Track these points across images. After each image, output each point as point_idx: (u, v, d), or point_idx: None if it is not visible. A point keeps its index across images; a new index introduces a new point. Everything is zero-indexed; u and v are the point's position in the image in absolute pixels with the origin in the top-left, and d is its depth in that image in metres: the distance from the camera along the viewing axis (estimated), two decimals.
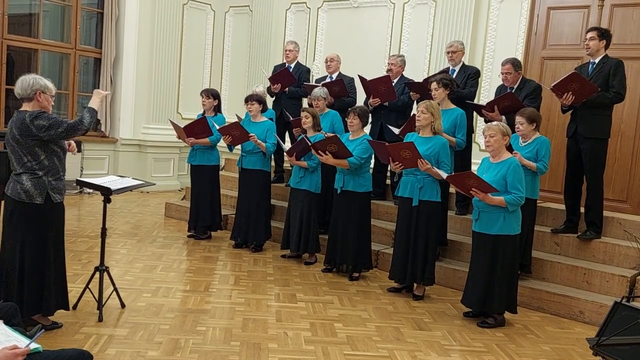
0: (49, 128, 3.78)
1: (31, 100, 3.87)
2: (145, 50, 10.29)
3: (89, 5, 9.90)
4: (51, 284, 3.99)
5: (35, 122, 3.76)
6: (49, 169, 3.89)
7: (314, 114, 6.20)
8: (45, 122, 3.78)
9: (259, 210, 6.63)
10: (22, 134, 3.79)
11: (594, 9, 7.02)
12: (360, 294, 5.50)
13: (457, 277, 5.84)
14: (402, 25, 8.86)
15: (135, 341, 4.01)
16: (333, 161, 5.75)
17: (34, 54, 9.38)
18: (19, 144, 3.82)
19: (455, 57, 6.49)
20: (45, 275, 3.96)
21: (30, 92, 3.85)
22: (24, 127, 3.78)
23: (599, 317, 4.87)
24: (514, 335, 4.72)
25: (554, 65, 7.30)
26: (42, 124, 3.77)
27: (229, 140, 6.52)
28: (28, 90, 3.85)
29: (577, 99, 5.46)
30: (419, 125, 5.29)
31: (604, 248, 5.71)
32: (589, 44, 5.60)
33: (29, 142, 3.81)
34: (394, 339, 4.44)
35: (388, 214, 6.97)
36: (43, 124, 3.77)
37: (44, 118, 3.79)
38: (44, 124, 3.77)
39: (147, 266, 5.84)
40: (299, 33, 9.96)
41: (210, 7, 11.25)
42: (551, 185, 7.18)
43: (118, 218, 8.00)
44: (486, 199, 4.65)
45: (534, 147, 5.25)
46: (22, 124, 3.78)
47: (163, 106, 10.56)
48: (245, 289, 5.36)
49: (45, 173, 3.88)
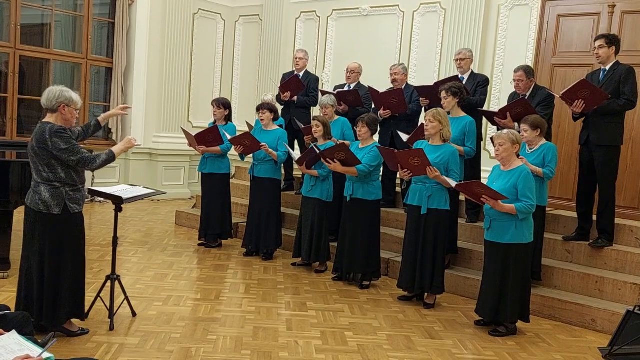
0: (65, 151, 3.80)
1: (55, 112, 3.89)
2: (156, 60, 10.37)
3: (100, 15, 10.00)
4: (65, 293, 4.01)
5: (53, 139, 3.78)
6: (66, 181, 3.90)
7: (325, 122, 6.21)
8: (64, 145, 3.79)
9: (270, 219, 6.64)
10: (40, 146, 3.81)
11: (604, 16, 7.00)
12: (370, 302, 5.49)
13: (467, 285, 5.82)
14: (412, 33, 8.87)
15: (147, 350, 4.03)
16: (342, 169, 5.76)
17: (46, 64, 9.48)
18: (37, 155, 3.84)
19: (463, 64, 6.48)
20: (60, 284, 3.98)
21: (55, 104, 3.86)
22: (42, 139, 3.80)
23: (611, 326, 4.84)
24: (526, 344, 4.69)
25: (564, 72, 7.28)
26: (60, 145, 3.79)
27: (240, 150, 6.55)
28: (53, 102, 3.86)
29: (588, 107, 5.44)
30: (428, 134, 5.29)
31: (616, 256, 5.67)
32: (598, 52, 5.57)
33: (45, 155, 3.82)
34: (404, 348, 4.42)
35: (398, 222, 6.96)
36: (60, 145, 3.79)
37: (65, 140, 3.80)
38: (62, 145, 3.79)
39: (158, 275, 5.86)
40: (309, 41, 10.00)
41: (220, 17, 11.32)
42: (562, 192, 7.14)
43: (129, 226, 8.04)
44: (497, 206, 4.63)
45: (541, 153, 5.22)
46: (42, 136, 3.80)
47: (174, 115, 10.62)
48: (255, 298, 5.36)
49: (63, 184, 3.89)
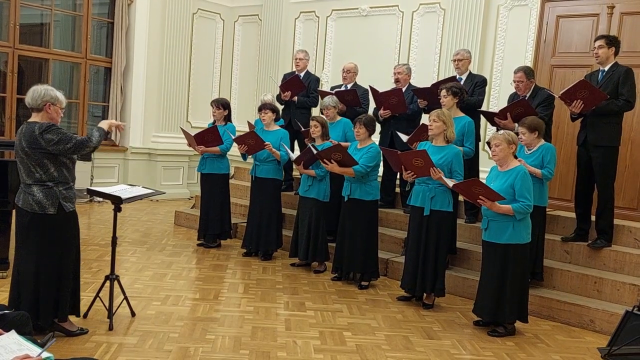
0: (58, 143, 3.78)
1: (40, 111, 3.85)
2: (155, 60, 10.36)
3: (99, 15, 10.00)
4: (67, 290, 4.02)
5: (44, 136, 3.75)
6: (58, 180, 3.89)
7: (323, 122, 6.21)
8: (55, 137, 3.76)
9: (271, 219, 6.64)
10: (31, 146, 3.78)
11: (604, 16, 7.00)
12: (369, 302, 5.49)
13: (466, 285, 5.82)
14: (411, 34, 8.86)
15: (145, 349, 4.03)
16: (338, 169, 5.75)
17: (45, 64, 9.47)
18: (28, 156, 3.81)
19: (461, 65, 6.47)
20: (62, 283, 3.99)
21: (40, 103, 3.83)
22: (32, 139, 3.77)
23: (610, 326, 4.84)
24: (524, 344, 4.70)
25: (563, 73, 7.29)
26: (52, 138, 3.76)
27: (244, 149, 6.53)
28: (38, 100, 3.82)
29: (586, 107, 5.44)
30: (431, 134, 5.28)
31: (615, 256, 5.67)
32: (598, 52, 5.58)
33: (37, 154, 3.80)
34: (403, 348, 4.43)
35: (397, 222, 6.96)
36: (52, 138, 3.76)
37: (54, 132, 3.77)
38: (54, 138, 3.76)
39: (156, 274, 5.86)
40: (308, 42, 9.99)
41: (219, 17, 11.31)
42: (561, 193, 7.15)
43: (128, 226, 8.03)
44: (493, 207, 4.64)
45: (539, 154, 5.22)
46: (31, 136, 3.77)
47: (173, 115, 10.62)
48: (254, 297, 5.36)
49: (56, 183, 3.88)
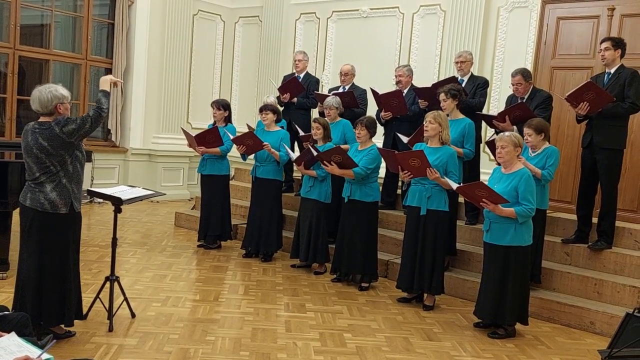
0: (79, 129, 3.82)
1: (52, 114, 3.87)
2: (155, 61, 10.36)
3: (99, 16, 10.00)
4: (72, 294, 4.01)
5: (65, 130, 3.78)
6: (72, 176, 3.90)
7: (325, 124, 6.20)
8: (74, 125, 3.81)
9: (272, 220, 6.64)
10: (54, 145, 3.79)
11: (604, 19, 7.00)
12: (369, 304, 5.49)
13: (466, 287, 5.82)
14: (412, 35, 8.86)
15: (145, 351, 4.03)
16: (338, 171, 5.76)
17: (45, 65, 9.47)
18: (50, 155, 3.80)
19: (464, 67, 6.49)
20: (67, 285, 3.97)
21: (51, 107, 3.85)
22: (54, 137, 3.78)
23: (610, 328, 4.84)
24: (525, 346, 4.69)
25: (563, 75, 7.28)
26: (72, 129, 3.80)
27: (242, 149, 6.54)
28: (49, 105, 3.84)
29: (593, 109, 5.43)
30: (427, 136, 5.30)
31: (615, 258, 5.67)
32: (604, 54, 5.56)
33: (60, 152, 3.82)
34: (403, 350, 4.42)
35: (398, 224, 6.96)
36: (73, 128, 3.80)
37: (71, 122, 3.82)
38: (74, 127, 3.80)
39: (156, 275, 5.86)
40: (309, 43, 9.99)
41: (220, 18, 11.31)
42: (561, 195, 7.14)
43: (128, 227, 8.03)
44: (496, 210, 4.64)
45: (543, 156, 5.23)
46: (52, 134, 3.78)
47: (173, 116, 10.61)
48: (254, 299, 5.36)
49: (69, 180, 3.89)
